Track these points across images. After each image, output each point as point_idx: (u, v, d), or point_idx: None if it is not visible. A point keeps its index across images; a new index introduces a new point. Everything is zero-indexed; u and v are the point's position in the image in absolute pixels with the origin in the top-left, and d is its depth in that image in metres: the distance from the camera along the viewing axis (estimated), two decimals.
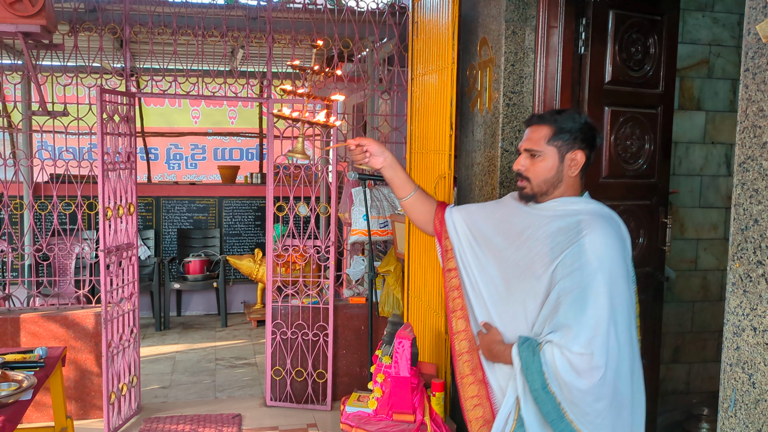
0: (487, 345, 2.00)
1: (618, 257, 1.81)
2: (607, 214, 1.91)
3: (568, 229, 1.84)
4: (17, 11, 3.69)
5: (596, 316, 1.75)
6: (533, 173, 1.93)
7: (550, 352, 1.78)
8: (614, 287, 1.78)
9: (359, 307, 4.74)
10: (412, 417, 3.03)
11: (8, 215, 4.42)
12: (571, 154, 1.91)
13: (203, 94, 4.58)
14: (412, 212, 2.24)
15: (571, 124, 1.91)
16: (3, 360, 3.19)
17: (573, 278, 1.79)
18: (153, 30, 4.42)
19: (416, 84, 3.75)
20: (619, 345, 1.79)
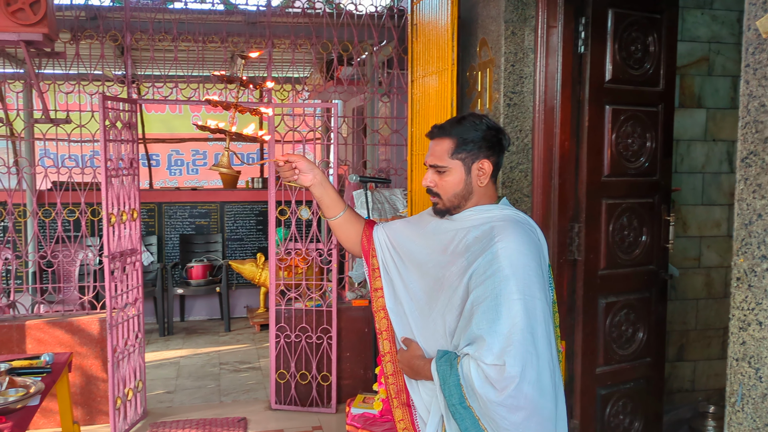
0: (407, 361, 1.90)
1: (532, 263, 1.74)
2: (522, 219, 1.86)
3: (483, 237, 1.79)
4: (19, 20, 3.71)
5: (510, 324, 1.68)
6: (442, 189, 1.87)
7: (467, 366, 1.70)
8: (529, 294, 1.71)
9: (362, 309, 4.75)
10: None
11: (12, 223, 4.43)
12: (478, 165, 1.84)
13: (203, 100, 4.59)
14: (342, 232, 2.11)
15: (473, 133, 1.83)
16: (10, 366, 3.20)
17: (486, 286, 1.72)
18: (154, 37, 4.44)
19: (416, 86, 3.77)
20: (537, 354, 1.69)
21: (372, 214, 4.40)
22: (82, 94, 4.51)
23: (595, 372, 3.11)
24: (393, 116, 4.74)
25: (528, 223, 1.86)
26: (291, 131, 4.52)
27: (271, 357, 4.63)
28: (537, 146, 3.08)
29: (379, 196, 4.57)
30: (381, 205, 4.53)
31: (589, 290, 3.06)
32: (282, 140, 4.54)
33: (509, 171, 3.14)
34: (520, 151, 3.14)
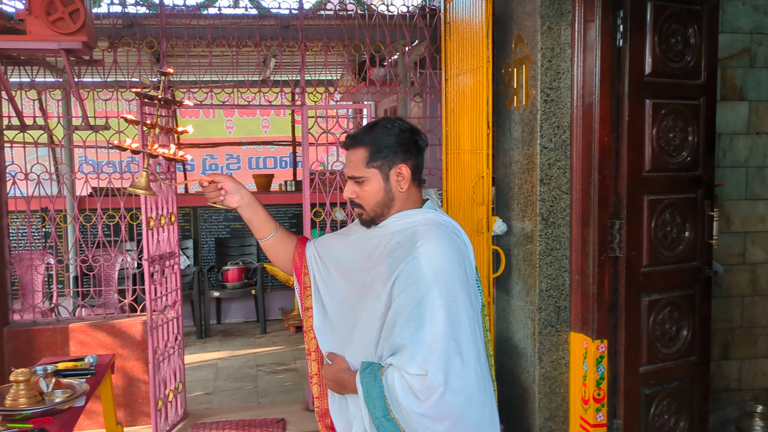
0: (333, 376, 1.81)
1: (455, 267, 1.68)
2: (446, 222, 1.79)
3: (405, 242, 1.73)
4: (60, 29, 3.79)
5: (432, 332, 1.62)
6: (363, 199, 1.81)
7: (391, 376, 1.64)
8: (452, 300, 1.65)
9: None
10: None
11: (55, 229, 4.53)
12: (395, 171, 1.78)
13: (238, 104, 4.64)
14: (274, 253, 2.03)
15: (386, 138, 1.78)
16: (55, 368, 3.27)
17: (408, 294, 1.66)
18: (189, 43, 4.50)
19: (450, 85, 3.75)
20: (463, 362, 1.63)
21: None
22: (119, 101, 4.58)
23: (638, 371, 3.05)
24: (426, 116, 4.72)
25: (452, 226, 1.80)
26: (324, 133, 4.53)
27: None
28: (575, 142, 3.04)
29: None
30: None
31: (632, 288, 3.01)
32: (316, 143, 4.56)
33: (547, 168, 3.11)
34: (558, 147, 3.10)
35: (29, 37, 3.79)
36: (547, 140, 3.10)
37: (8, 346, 4.32)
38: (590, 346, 3.01)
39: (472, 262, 1.79)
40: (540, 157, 3.11)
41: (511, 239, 3.43)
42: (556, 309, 3.18)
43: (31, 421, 2.70)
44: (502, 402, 3.54)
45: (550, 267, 3.16)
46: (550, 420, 3.22)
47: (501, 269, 3.43)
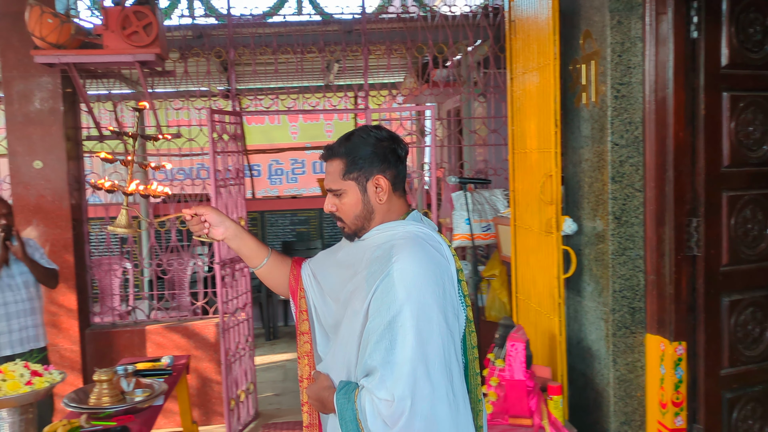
0: (315, 394, 1.74)
1: (429, 284, 1.59)
2: (425, 236, 1.69)
3: (382, 257, 1.65)
4: (134, 42, 3.94)
5: (402, 355, 1.54)
6: (343, 212, 1.76)
7: (363, 400, 1.57)
8: (424, 319, 1.56)
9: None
10: (529, 421, 2.97)
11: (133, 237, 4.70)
12: (372, 182, 1.71)
13: (303, 109, 4.72)
14: (270, 279, 1.97)
15: (362, 149, 1.70)
16: (135, 368, 3.39)
17: (380, 313, 1.58)
18: (255, 51, 4.60)
19: (516, 83, 3.71)
20: (432, 386, 1.54)
21: (472, 215, 4.37)
22: (188, 110, 4.73)
23: (719, 374, 2.94)
24: (491, 116, 4.68)
25: (432, 240, 1.70)
26: None
27: None
28: (648, 138, 2.95)
29: (479, 197, 4.53)
30: (481, 206, 4.48)
31: (711, 288, 2.90)
32: None
33: (619, 165, 3.03)
34: (629, 144, 3.02)
35: (106, 51, 3.96)
36: (618, 137, 3.02)
37: (90, 347, 4.51)
38: (668, 349, 2.92)
39: (453, 278, 1.68)
40: (611, 154, 3.03)
41: (581, 239, 3.36)
42: (630, 310, 3.09)
43: (114, 419, 2.81)
44: (573, 405, 3.46)
45: (624, 267, 3.08)
46: (626, 424, 3.13)
47: (572, 270, 3.36)
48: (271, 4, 4.68)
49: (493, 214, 4.48)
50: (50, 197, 4.32)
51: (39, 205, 4.31)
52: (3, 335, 3.41)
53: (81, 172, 4.58)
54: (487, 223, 4.49)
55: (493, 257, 4.55)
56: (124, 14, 3.91)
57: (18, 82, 4.26)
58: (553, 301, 3.27)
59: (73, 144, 4.47)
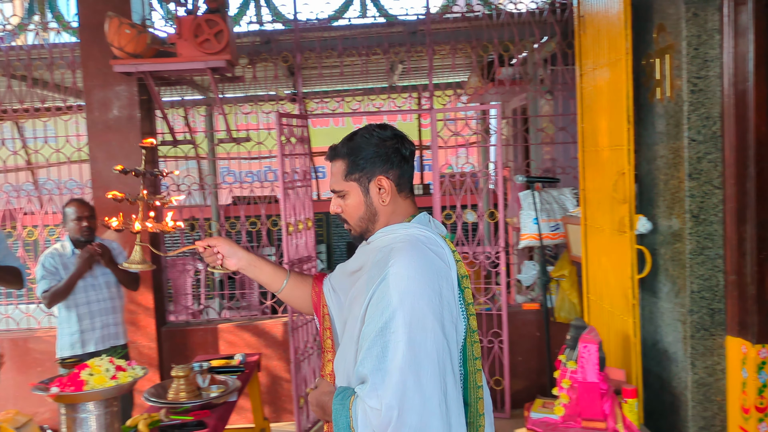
0: (316, 400, 1.69)
1: (425, 290, 1.52)
2: (426, 239, 1.62)
3: (381, 261, 1.60)
4: (206, 49, 4.07)
5: (392, 363, 1.48)
6: (347, 214, 1.72)
7: (356, 408, 1.52)
8: (417, 327, 1.49)
9: (533, 313, 4.65)
10: (603, 424, 2.91)
11: (204, 235, 4.85)
12: (375, 183, 1.66)
13: (367, 111, 4.76)
14: (294, 300, 1.94)
15: (364, 149, 1.66)
16: (210, 365, 3.49)
17: (374, 318, 1.53)
18: (321, 54, 4.67)
19: (585, 80, 3.63)
20: (423, 396, 1.47)
21: (540, 215, 4.31)
22: (256, 114, 4.84)
23: None
24: (558, 113, 4.60)
25: (433, 243, 1.62)
26: (453, 136, 4.54)
27: None
28: (728, 133, 2.84)
29: (547, 196, 4.45)
30: (549, 206, 4.41)
31: None
32: (445, 145, 4.58)
33: (696, 162, 2.93)
34: (707, 140, 2.91)
35: (180, 59, 4.10)
36: (695, 132, 2.92)
37: (166, 344, 4.68)
38: (750, 351, 2.80)
39: (453, 284, 1.61)
40: (687, 150, 2.93)
41: (656, 238, 3.26)
42: (709, 311, 2.98)
43: (191, 414, 2.90)
44: (649, 409, 3.37)
45: (702, 267, 2.97)
46: (705, 429, 3.02)
47: (646, 270, 3.27)
48: (336, 8, 4.74)
49: (562, 213, 4.40)
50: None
51: (119, 207, 4.49)
52: (87, 333, 3.57)
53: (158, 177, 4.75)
54: (555, 223, 4.41)
55: (562, 257, 4.47)
56: (197, 23, 4.04)
57: (98, 91, 4.46)
58: (627, 302, 3.19)
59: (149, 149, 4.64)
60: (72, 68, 4.59)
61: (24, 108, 4.71)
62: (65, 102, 4.73)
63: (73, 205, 3.66)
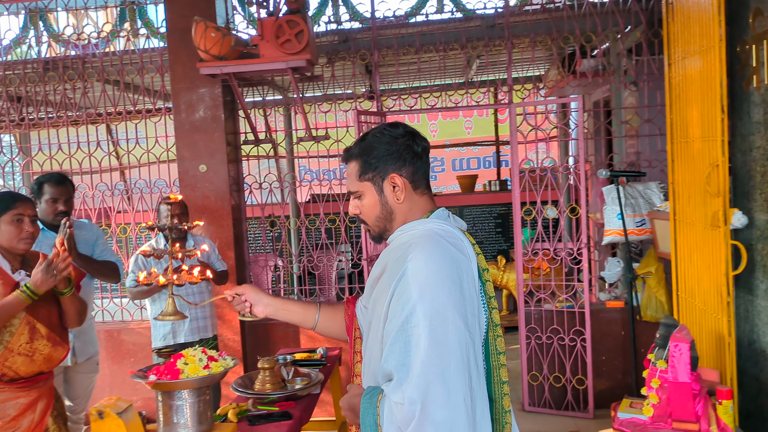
0: (347, 403, 1.67)
1: (445, 282, 1.50)
2: (445, 233, 1.60)
3: (401, 257, 1.58)
4: (287, 50, 4.15)
5: (415, 357, 1.45)
6: (365, 215, 1.71)
7: (382, 405, 1.51)
8: (438, 320, 1.47)
9: (617, 311, 4.51)
10: (696, 426, 2.80)
11: (285, 233, 4.97)
12: (389, 182, 1.66)
13: (445, 106, 4.74)
14: (329, 331, 1.97)
15: (376, 148, 1.66)
16: (293, 358, 3.58)
17: (396, 314, 1.51)
18: (398, 51, 4.69)
19: (675, 69, 3.49)
20: (448, 392, 1.44)
21: (625, 210, 4.18)
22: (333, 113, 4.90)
23: None
24: (643, 105, 4.45)
25: (452, 237, 1.61)
26: (532, 130, 4.46)
27: (522, 358, 4.60)
28: None
29: (632, 190, 4.31)
30: (634, 200, 4.27)
31: None
32: (525, 140, 4.50)
33: None
34: None
35: (262, 60, 4.20)
36: None
37: (249, 338, 4.82)
38: None
39: (473, 276, 1.60)
40: None
41: (753, 233, 3.10)
42: None
43: (276, 405, 2.97)
44: (745, 412, 3.21)
45: None
46: None
47: (741, 266, 3.12)
48: (413, 4, 4.75)
49: (648, 208, 4.25)
50: (213, 198, 4.66)
51: (204, 205, 4.66)
52: (177, 324, 3.73)
53: (240, 175, 4.90)
54: (641, 218, 4.27)
55: (648, 254, 4.32)
56: (278, 24, 4.14)
57: (185, 93, 4.64)
58: (721, 300, 3.05)
59: (233, 148, 4.80)
60: (160, 72, 4.79)
61: (117, 111, 4.95)
62: (154, 105, 4.94)
63: (166, 203, 3.83)
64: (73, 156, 4.94)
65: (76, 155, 4.95)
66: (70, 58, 4.89)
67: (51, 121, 5.01)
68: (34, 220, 2.70)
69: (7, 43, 5.10)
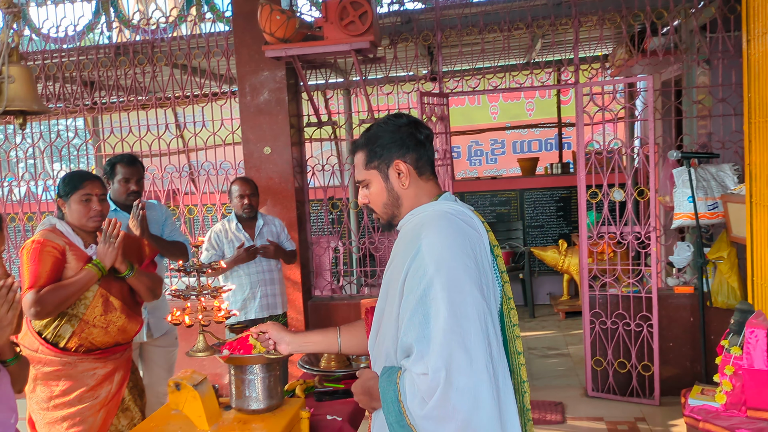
0: (361, 387, 1.72)
1: (460, 255, 1.55)
2: (455, 211, 1.66)
3: (413, 237, 1.62)
4: (351, 32, 4.17)
5: (435, 327, 1.48)
6: (373, 203, 1.76)
7: (403, 380, 1.54)
8: (456, 290, 1.51)
9: (686, 297, 4.39)
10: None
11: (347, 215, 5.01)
12: (394, 169, 1.71)
13: (508, 87, 4.67)
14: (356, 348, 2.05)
15: (380, 137, 1.71)
16: None
17: (413, 289, 1.55)
18: (461, 32, 4.64)
19: (754, 46, 3.34)
20: (470, 359, 1.46)
21: (696, 192, 4.05)
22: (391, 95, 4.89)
23: None
24: (718, 84, 4.28)
25: (462, 215, 1.66)
26: (599, 111, 4.36)
27: (585, 343, 4.54)
28: None
29: (704, 173, 4.17)
30: (706, 183, 4.13)
31: None
32: (591, 121, 4.40)
33: None
34: None
35: (326, 42, 4.23)
36: None
37: (312, 317, 4.90)
38: None
39: (486, 251, 1.64)
40: None
41: None
42: None
43: (342, 382, 3.02)
44: None
45: None
46: None
47: None
48: None
49: (721, 191, 4.10)
50: (277, 180, 4.74)
51: (269, 187, 4.74)
52: (248, 301, 3.83)
53: (303, 157, 4.97)
54: (713, 201, 4.13)
55: (719, 238, 4.18)
56: (342, 5, 4.15)
57: (250, 76, 4.72)
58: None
59: (296, 131, 4.86)
60: (226, 55, 4.87)
61: (185, 95, 5.07)
62: (220, 88, 5.04)
63: (237, 183, 3.93)
64: (143, 138, 5.09)
65: (145, 138, 5.10)
66: (139, 43, 5.02)
67: (121, 105, 5.18)
68: (103, 198, 2.79)
69: (81, 29, 5.28)
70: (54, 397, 2.70)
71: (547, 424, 4.15)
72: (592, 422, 4.15)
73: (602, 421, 4.16)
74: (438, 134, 4.59)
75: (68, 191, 2.75)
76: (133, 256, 2.91)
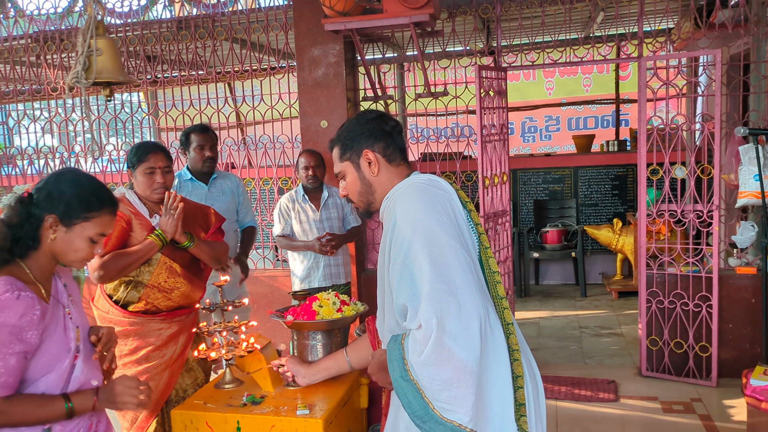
0: (377, 364, 1.84)
1: (432, 214, 1.69)
2: (424, 180, 1.82)
3: (390, 213, 1.78)
4: (410, 4, 4.15)
5: (422, 283, 1.60)
6: (350, 193, 1.91)
7: (406, 339, 1.67)
8: (434, 244, 1.64)
9: (748, 278, 4.29)
10: None
11: None
12: (364, 159, 1.86)
13: (568, 61, 4.59)
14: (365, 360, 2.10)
15: (350, 131, 1.87)
16: None
17: (396, 256, 1.69)
18: (521, 4, 4.57)
19: None
20: (459, 305, 1.58)
21: (763, 170, 3.94)
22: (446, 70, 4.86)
23: None
24: None
25: (428, 181, 1.81)
26: (663, 86, 4.25)
27: (641, 322, 4.49)
28: None
29: None
30: None
31: None
32: (654, 97, 4.30)
33: None
34: None
35: (385, 15, 4.22)
36: None
37: (365, 289, 4.97)
38: None
39: (458, 206, 1.79)
40: None
41: None
42: None
43: None
44: None
45: None
46: None
47: None
48: None
49: None
50: None
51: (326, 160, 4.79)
52: (312, 270, 3.95)
53: None
54: None
55: None
56: None
57: (308, 50, 4.76)
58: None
59: (353, 104, 4.89)
60: (284, 29, 4.92)
61: (243, 69, 5.15)
62: (278, 62, 5.09)
63: (304, 155, 4.02)
64: (203, 111, 5.20)
65: (205, 111, 5.21)
66: (200, 17, 5.10)
67: (183, 79, 5.29)
68: (167, 171, 2.89)
69: (144, 2, 5.39)
70: (123, 355, 2.83)
71: (600, 402, 4.13)
72: (646, 401, 4.12)
73: (656, 400, 4.12)
74: (495, 109, 4.55)
75: (134, 162, 2.86)
76: (198, 224, 3.00)
